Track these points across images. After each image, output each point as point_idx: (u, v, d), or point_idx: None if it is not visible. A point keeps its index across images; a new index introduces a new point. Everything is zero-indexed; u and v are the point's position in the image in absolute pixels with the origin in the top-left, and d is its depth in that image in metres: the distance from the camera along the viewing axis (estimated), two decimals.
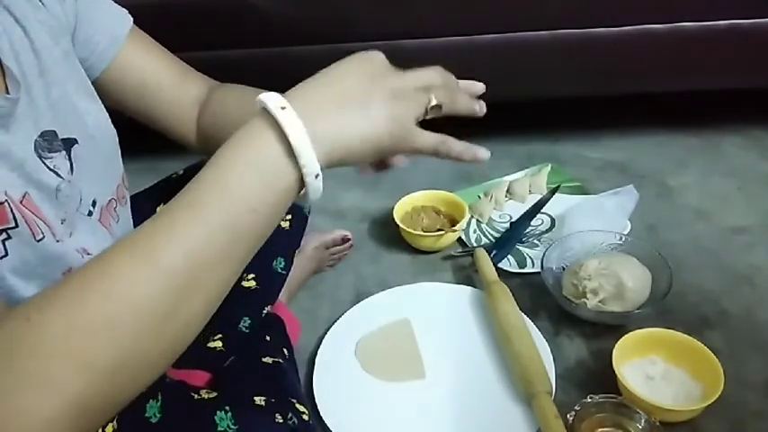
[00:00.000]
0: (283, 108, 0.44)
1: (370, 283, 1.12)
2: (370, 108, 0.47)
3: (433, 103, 0.51)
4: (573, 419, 0.78)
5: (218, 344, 0.80)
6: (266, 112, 0.45)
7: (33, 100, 0.57)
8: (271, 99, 0.45)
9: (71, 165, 0.60)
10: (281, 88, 0.47)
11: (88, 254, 0.60)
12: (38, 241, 0.53)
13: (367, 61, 0.50)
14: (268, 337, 0.86)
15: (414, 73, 0.51)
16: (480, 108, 0.56)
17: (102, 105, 0.68)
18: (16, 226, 0.50)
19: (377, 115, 0.47)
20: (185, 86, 0.76)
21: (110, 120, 0.68)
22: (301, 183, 0.45)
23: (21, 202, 0.52)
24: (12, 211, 0.50)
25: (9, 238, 0.49)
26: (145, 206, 0.82)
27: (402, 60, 0.51)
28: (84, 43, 0.67)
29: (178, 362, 0.76)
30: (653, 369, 0.86)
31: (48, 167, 0.56)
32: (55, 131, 0.58)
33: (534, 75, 1.36)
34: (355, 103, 0.47)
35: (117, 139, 0.70)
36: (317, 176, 0.45)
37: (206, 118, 0.76)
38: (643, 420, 0.78)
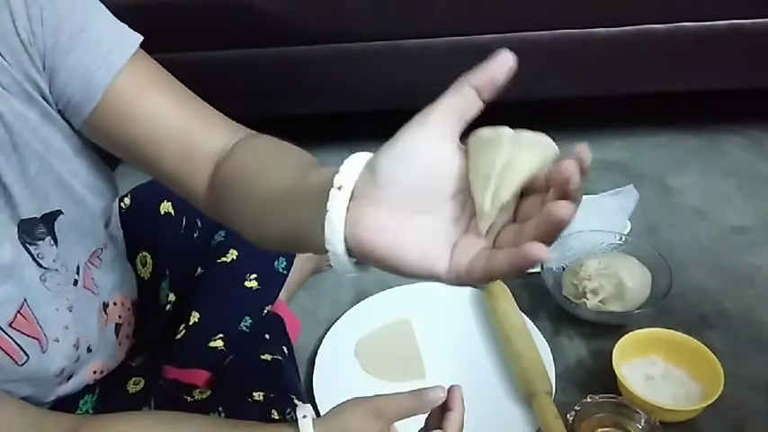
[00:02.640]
0: None
1: (370, 283, 1.12)
2: None
3: None
4: (573, 419, 0.78)
5: (219, 343, 0.80)
6: None
7: (6, 187, 0.52)
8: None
9: (55, 239, 0.58)
10: (282, 88, 0.47)
11: (86, 348, 0.64)
12: (20, 366, 0.54)
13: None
14: (267, 336, 0.86)
15: None
16: None
17: (94, 156, 0.60)
18: None
19: None
20: (197, 139, 0.56)
21: (106, 170, 0.62)
22: None
23: (11, 324, 0.53)
24: None
25: None
26: (146, 200, 0.83)
27: (402, 60, 0.49)
28: (58, 96, 0.54)
29: (179, 361, 0.77)
30: (653, 369, 0.86)
31: (33, 257, 0.56)
32: (36, 218, 0.56)
33: (534, 75, 1.36)
34: None
35: (115, 189, 0.64)
36: None
37: (219, 177, 0.55)
38: (643, 420, 0.78)
